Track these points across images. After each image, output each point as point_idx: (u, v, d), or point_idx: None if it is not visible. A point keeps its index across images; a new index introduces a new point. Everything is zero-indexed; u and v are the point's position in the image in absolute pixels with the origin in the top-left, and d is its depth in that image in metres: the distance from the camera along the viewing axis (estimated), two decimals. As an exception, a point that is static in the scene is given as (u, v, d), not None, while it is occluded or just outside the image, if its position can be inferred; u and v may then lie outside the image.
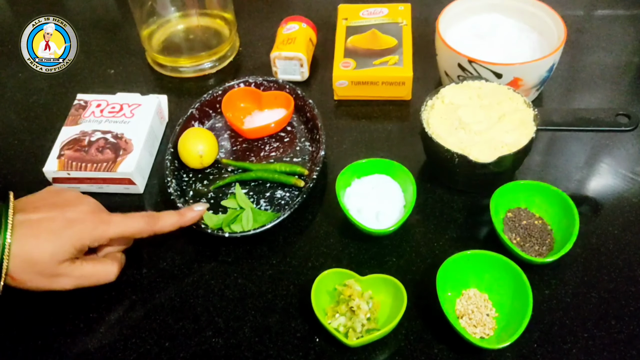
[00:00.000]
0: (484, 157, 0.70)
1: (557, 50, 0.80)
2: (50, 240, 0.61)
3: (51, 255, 0.61)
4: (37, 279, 0.62)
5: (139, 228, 0.67)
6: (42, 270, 0.61)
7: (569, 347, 0.63)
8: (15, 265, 0.60)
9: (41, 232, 0.61)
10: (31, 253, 0.60)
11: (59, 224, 0.62)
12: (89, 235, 0.63)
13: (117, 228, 0.66)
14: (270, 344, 0.65)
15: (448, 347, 0.64)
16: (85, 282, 0.65)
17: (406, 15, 0.96)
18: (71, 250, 0.62)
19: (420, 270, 0.70)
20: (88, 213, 0.65)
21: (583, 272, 0.69)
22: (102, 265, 0.66)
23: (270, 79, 0.89)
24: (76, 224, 0.63)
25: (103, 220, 0.65)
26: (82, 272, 0.64)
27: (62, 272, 0.62)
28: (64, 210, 0.63)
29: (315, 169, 0.77)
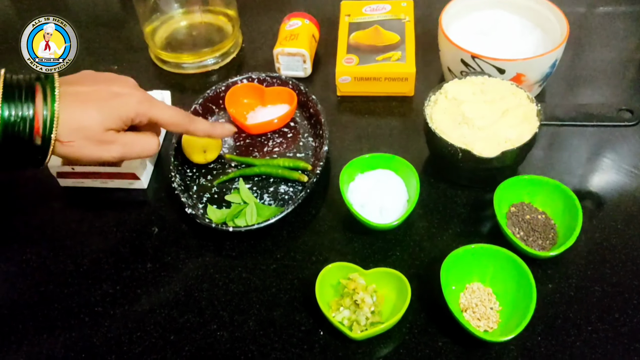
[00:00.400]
0: (487, 152, 0.70)
1: (560, 46, 0.80)
2: (98, 108, 0.63)
3: (98, 121, 0.63)
4: (85, 144, 0.63)
5: (177, 119, 0.70)
6: (90, 136, 0.63)
7: (573, 340, 0.64)
8: (65, 131, 0.62)
9: (88, 101, 0.63)
10: (79, 119, 0.62)
11: (105, 95, 0.64)
12: (134, 108, 0.65)
13: (159, 109, 0.68)
14: (275, 337, 0.65)
15: (452, 340, 0.64)
16: (130, 150, 0.67)
17: (409, 12, 0.96)
18: (117, 120, 0.64)
19: (423, 264, 0.71)
20: (133, 88, 0.67)
21: (586, 266, 0.69)
22: (144, 136, 0.69)
23: (274, 75, 0.89)
24: (122, 96, 0.65)
25: (147, 98, 0.67)
26: (127, 140, 0.66)
27: (109, 139, 0.64)
28: (109, 85, 0.66)
29: (319, 164, 0.77)
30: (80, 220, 0.78)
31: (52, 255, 0.74)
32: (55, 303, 0.69)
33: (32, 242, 0.75)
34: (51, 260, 0.74)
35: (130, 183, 0.79)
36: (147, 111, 0.67)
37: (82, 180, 0.79)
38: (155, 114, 0.67)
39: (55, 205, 0.79)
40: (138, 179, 0.78)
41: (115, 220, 0.77)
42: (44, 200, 0.80)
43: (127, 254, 0.74)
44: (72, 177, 0.79)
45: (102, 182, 0.79)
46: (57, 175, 0.79)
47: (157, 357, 0.64)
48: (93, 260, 0.73)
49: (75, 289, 0.71)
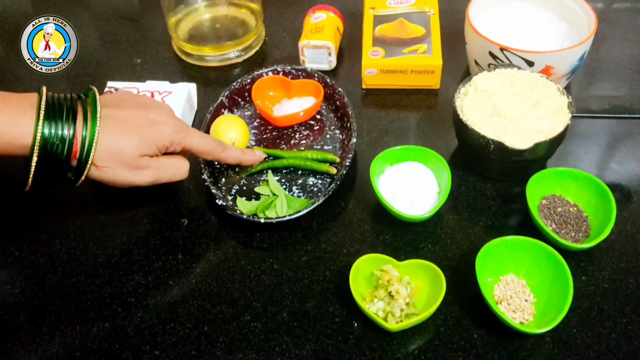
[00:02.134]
0: (519, 144, 0.70)
1: (589, 38, 0.80)
2: (135, 135, 0.65)
3: (135, 147, 0.64)
4: (119, 169, 0.65)
5: (210, 147, 0.71)
6: (124, 161, 0.65)
7: (608, 332, 0.63)
8: (101, 155, 0.63)
9: (126, 126, 0.64)
10: (117, 144, 0.64)
11: (143, 121, 0.66)
12: (169, 137, 0.67)
13: (194, 139, 0.70)
14: (309, 329, 0.65)
15: (488, 332, 0.64)
16: (162, 175, 0.69)
17: (433, 5, 0.96)
18: (152, 147, 0.66)
19: (456, 256, 0.71)
20: (170, 117, 0.68)
21: (619, 259, 0.69)
22: (176, 160, 0.70)
23: (299, 68, 0.89)
24: (159, 124, 0.66)
25: (183, 127, 0.69)
26: (160, 164, 0.68)
27: (142, 165, 0.66)
28: (148, 111, 0.67)
29: (348, 157, 0.77)
30: (109, 211, 0.78)
31: (82, 246, 0.74)
32: (87, 294, 0.69)
33: (62, 234, 0.75)
34: (81, 251, 0.73)
35: (159, 175, 0.79)
36: (182, 140, 0.68)
37: (111, 171, 0.79)
38: (190, 143, 0.69)
39: (84, 196, 0.79)
40: (167, 170, 0.78)
41: (145, 212, 0.77)
42: (73, 191, 0.79)
43: (158, 245, 0.74)
44: (100, 168, 0.79)
45: (131, 173, 0.79)
46: (86, 166, 0.79)
47: (191, 348, 0.64)
48: (123, 252, 0.73)
49: (106, 279, 0.71)
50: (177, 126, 0.68)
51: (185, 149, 0.70)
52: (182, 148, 0.70)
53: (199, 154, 0.72)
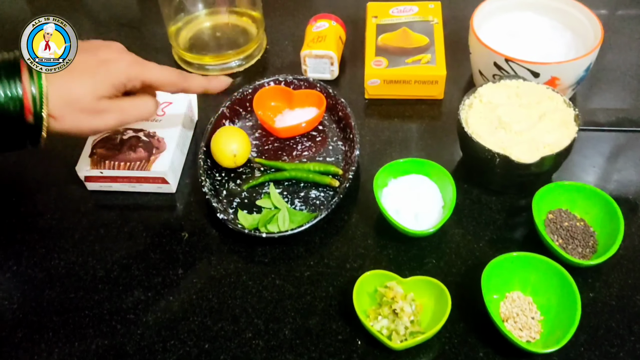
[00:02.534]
0: (525, 158, 0.69)
1: (596, 48, 0.79)
2: (87, 77, 0.62)
3: (90, 90, 0.61)
4: (80, 117, 0.62)
5: (171, 78, 0.68)
6: (83, 107, 0.62)
7: (616, 351, 0.62)
8: (56, 105, 0.60)
9: (76, 71, 0.61)
10: (70, 91, 0.61)
11: (93, 63, 0.63)
12: (125, 73, 0.64)
13: (151, 71, 0.66)
14: (311, 347, 0.64)
15: (494, 351, 0.63)
16: (127, 116, 0.66)
17: (437, 13, 0.95)
18: (108, 87, 0.63)
19: (461, 272, 0.69)
20: (122, 53, 0.65)
21: (627, 275, 0.68)
22: (140, 99, 0.67)
23: (301, 78, 0.88)
24: (111, 62, 0.63)
25: (138, 61, 0.66)
26: (123, 106, 0.65)
27: (103, 108, 0.63)
28: (96, 52, 0.64)
29: (351, 169, 0.76)
30: (108, 224, 0.76)
31: (81, 260, 0.73)
32: (86, 310, 0.68)
33: (60, 248, 0.74)
34: (80, 266, 0.72)
35: (159, 187, 0.78)
36: (139, 74, 0.65)
37: (110, 184, 0.78)
38: (148, 75, 0.66)
39: (82, 209, 0.78)
40: (167, 182, 0.77)
41: (144, 225, 0.76)
42: (71, 204, 0.79)
43: (158, 259, 0.72)
44: (99, 180, 0.78)
45: (131, 186, 0.78)
46: (86, 179, 0.78)
47: (192, 366, 0.63)
48: (123, 266, 0.72)
49: (106, 295, 0.69)
50: (131, 60, 0.65)
51: (145, 84, 0.67)
52: (142, 83, 0.66)
53: (161, 87, 0.68)
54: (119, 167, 0.76)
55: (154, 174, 0.76)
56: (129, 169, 0.76)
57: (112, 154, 0.77)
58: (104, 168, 0.76)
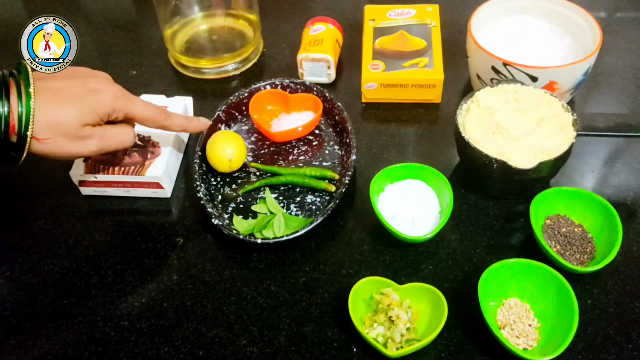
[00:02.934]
0: (523, 163, 0.68)
1: (595, 52, 0.78)
2: (74, 104, 0.63)
3: (75, 117, 0.63)
4: (63, 141, 0.63)
5: (153, 115, 0.70)
6: (66, 132, 0.63)
7: (614, 358, 0.62)
8: (41, 128, 0.61)
9: (64, 97, 0.63)
10: (56, 115, 0.62)
11: (81, 90, 0.64)
12: (110, 104, 0.65)
13: (135, 106, 0.68)
14: (306, 354, 0.63)
15: (491, 359, 0.62)
16: (107, 143, 0.67)
17: (434, 17, 0.94)
18: (93, 116, 0.64)
19: (458, 278, 0.69)
20: (109, 84, 0.67)
21: (625, 281, 0.68)
22: (120, 128, 0.69)
23: (297, 81, 0.87)
24: (98, 92, 0.65)
25: (124, 94, 0.68)
26: (104, 133, 0.67)
27: (85, 134, 0.65)
28: (85, 80, 0.65)
29: (347, 174, 0.76)
30: (102, 230, 0.76)
31: (75, 266, 0.72)
32: (79, 316, 0.68)
33: (54, 253, 0.74)
34: (74, 271, 0.72)
35: (154, 192, 0.77)
36: (124, 107, 0.67)
37: (105, 189, 0.77)
38: (132, 109, 0.68)
39: (77, 214, 0.78)
40: (162, 187, 0.77)
41: (139, 230, 0.76)
42: (65, 209, 0.78)
43: (152, 265, 0.72)
44: (94, 185, 0.77)
45: (125, 190, 0.77)
46: (79, 184, 0.77)
47: (186, 374, 0.63)
48: (117, 272, 0.71)
49: (99, 301, 0.69)
50: (118, 93, 0.67)
51: (127, 117, 0.69)
52: (125, 116, 0.68)
53: (143, 121, 0.70)
54: (113, 171, 0.75)
55: (148, 179, 0.75)
56: (124, 174, 0.75)
57: (106, 159, 0.76)
58: (98, 173, 0.75)
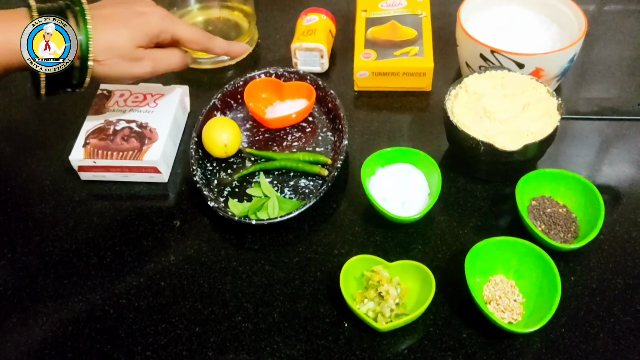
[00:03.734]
0: (509, 146, 0.70)
1: (579, 40, 0.81)
2: (126, 27, 0.68)
3: (129, 39, 0.68)
4: (119, 62, 0.69)
5: (197, 36, 0.75)
6: (122, 53, 0.68)
7: (596, 332, 0.64)
8: (99, 51, 0.67)
9: (115, 21, 0.68)
10: (111, 38, 0.67)
11: (130, 14, 0.69)
12: (157, 24, 0.70)
13: (181, 26, 0.73)
14: (299, 329, 0.66)
15: (477, 332, 0.64)
16: (159, 64, 0.73)
17: (425, 7, 0.97)
18: (143, 37, 0.69)
19: (445, 257, 0.71)
20: (154, 6, 0.72)
21: (608, 259, 0.70)
22: (170, 51, 0.74)
23: (291, 70, 0.89)
24: (145, 14, 0.70)
25: (169, 15, 0.73)
26: (156, 55, 0.72)
27: (139, 56, 0.70)
28: (131, 6, 0.70)
29: (339, 158, 0.78)
30: (101, 213, 0.78)
31: (75, 248, 0.74)
32: (79, 295, 0.70)
33: (54, 236, 0.76)
34: (74, 253, 0.74)
35: (152, 177, 0.79)
36: (170, 27, 0.72)
37: (104, 173, 0.79)
38: (177, 29, 0.72)
39: (76, 198, 0.80)
40: (159, 172, 0.79)
41: (137, 214, 0.78)
42: (65, 193, 0.80)
43: (150, 247, 0.74)
44: (93, 170, 0.79)
45: (124, 175, 0.79)
46: (79, 169, 0.79)
47: (182, 349, 0.65)
48: (116, 253, 0.73)
49: (99, 281, 0.71)
50: (163, 14, 0.71)
51: (174, 38, 0.73)
52: (172, 37, 0.73)
53: (188, 43, 0.75)
54: (111, 156, 0.77)
55: (146, 164, 0.77)
56: (122, 159, 0.77)
57: (105, 144, 0.78)
58: (97, 158, 0.77)
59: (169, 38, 0.72)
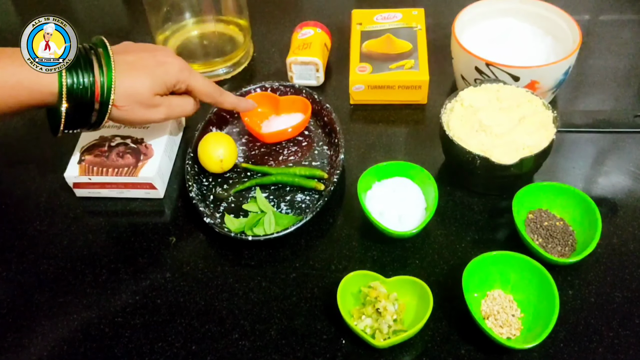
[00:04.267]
0: (505, 159, 0.70)
1: (574, 52, 0.81)
2: (146, 75, 0.70)
3: (148, 87, 0.70)
4: (137, 108, 0.71)
5: (210, 89, 0.77)
6: (141, 100, 0.70)
7: (595, 346, 0.64)
8: (120, 97, 0.68)
9: (137, 69, 0.70)
10: (132, 85, 0.69)
11: (152, 62, 0.71)
12: (176, 75, 0.73)
13: (197, 78, 0.76)
14: (297, 347, 0.65)
15: (475, 348, 0.64)
16: (174, 111, 0.75)
17: (420, 20, 0.97)
18: (162, 86, 0.72)
19: (443, 272, 0.71)
20: (174, 57, 0.74)
21: (606, 272, 0.70)
22: (184, 98, 0.76)
23: (287, 84, 0.89)
24: (166, 64, 0.72)
25: (187, 67, 0.75)
26: (171, 102, 0.74)
27: (156, 103, 0.72)
28: (154, 54, 0.73)
29: (336, 173, 0.78)
30: (97, 230, 0.78)
31: (70, 265, 0.74)
32: (74, 314, 0.69)
33: (49, 254, 0.75)
34: (69, 270, 0.73)
35: (147, 193, 0.79)
36: (187, 79, 0.74)
37: (99, 190, 0.79)
38: (193, 82, 0.75)
39: (71, 215, 0.79)
40: (155, 188, 0.78)
41: (132, 230, 0.77)
42: (60, 210, 0.80)
43: (146, 264, 0.74)
44: (88, 187, 0.79)
45: (119, 192, 0.79)
46: (74, 185, 0.79)
47: (179, 368, 0.64)
48: (111, 271, 0.73)
49: (94, 299, 0.70)
50: (182, 65, 0.74)
51: (189, 89, 0.75)
52: (187, 87, 0.75)
53: (201, 94, 0.77)
54: (107, 173, 0.77)
55: (141, 180, 0.77)
56: (117, 175, 0.77)
57: (100, 161, 0.78)
58: (92, 174, 0.77)
59: (184, 88, 0.75)
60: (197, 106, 0.78)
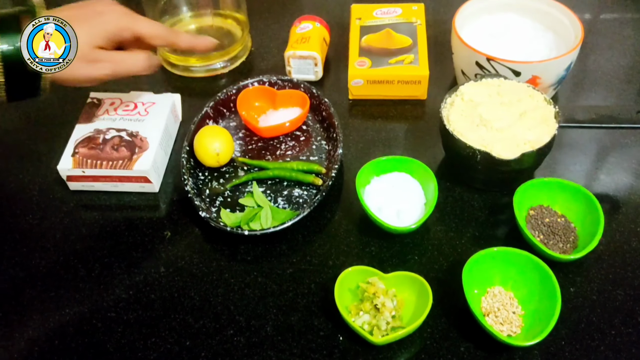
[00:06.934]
0: (506, 154, 0.69)
1: (576, 48, 0.80)
2: (84, 27, 0.66)
3: (87, 40, 0.66)
4: (77, 65, 0.66)
5: (159, 31, 0.73)
6: (80, 55, 0.66)
7: (597, 344, 0.63)
8: None
9: (73, 22, 0.66)
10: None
11: (90, 14, 0.68)
12: (116, 23, 0.69)
13: (141, 22, 0.71)
14: (293, 343, 0.64)
15: (475, 345, 0.63)
16: (119, 67, 0.70)
17: (420, 15, 0.96)
18: (102, 36, 0.68)
19: (443, 268, 0.70)
20: (115, 5, 0.70)
21: (607, 270, 0.69)
22: (131, 54, 0.72)
23: (285, 78, 0.88)
24: (105, 14, 0.69)
25: (128, 12, 0.71)
26: (115, 57, 0.70)
27: (98, 57, 0.68)
28: (93, 7, 0.69)
29: (334, 167, 0.76)
30: (90, 224, 0.76)
31: (62, 260, 0.73)
32: (66, 308, 0.68)
33: (41, 247, 0.74)
34: (61, 265, 0.72)
35: (142, 187, 0.78)
36: (129, 24, 0.70)
37: (93, 183, 0.78)
38: (138, 26, 0.71)
39: (65, 209, 0.78)
40: (149, 182, 0.77)
41: (127, 224, 0.76)
42: (53, 204, 0.78)
43: (140, 258, 0.72)
44: (82, 180, 0.77)
45: (114, 185, 0.78)
46: (68, 178, 0.77)
47: (173, 364, 0.63)
48: (105, 265, 0.72)
49: (87, 294, 0.69)
50: (122, 11, 0.70)
51: (135, 35, 0.71)
52: (132, 34, 0.70)
53: (150, 39, 0.72)
54: (101, 166, 0.76)
55: (136, 173, 0.76)
56: (112, 168, 0.76)
57: (94, 154, 0.77)
58: (86, 167, 0.76)
59: (130, 36, 0.70)
60: (152, 62, 0.73)
